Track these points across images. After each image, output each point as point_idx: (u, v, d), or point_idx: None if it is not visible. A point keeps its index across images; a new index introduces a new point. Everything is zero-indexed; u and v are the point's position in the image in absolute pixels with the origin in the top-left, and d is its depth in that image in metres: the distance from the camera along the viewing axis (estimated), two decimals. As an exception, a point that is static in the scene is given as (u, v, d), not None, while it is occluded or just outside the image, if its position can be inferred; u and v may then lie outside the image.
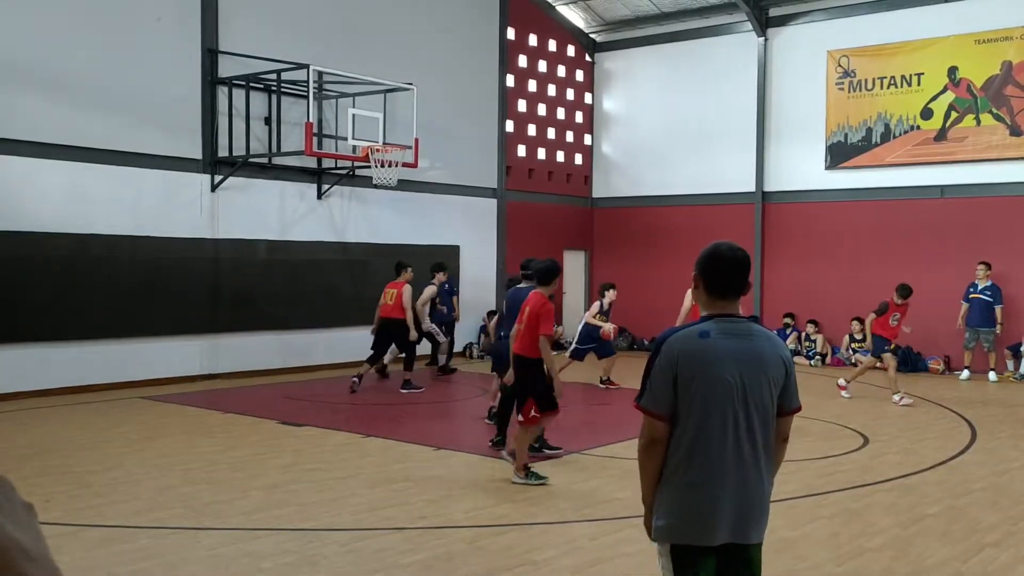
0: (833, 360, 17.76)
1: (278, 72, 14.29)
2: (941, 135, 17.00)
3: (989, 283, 15.78)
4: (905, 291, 13.09)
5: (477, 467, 9.00)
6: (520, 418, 8.43)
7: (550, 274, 8.47)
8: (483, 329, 18.28)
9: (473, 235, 18.75)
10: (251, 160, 14.63)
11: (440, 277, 14.78)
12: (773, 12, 18.82)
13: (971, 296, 15.89)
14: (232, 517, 7.01)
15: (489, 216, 19.30)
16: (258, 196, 15.15)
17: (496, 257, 19.31)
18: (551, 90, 20.64)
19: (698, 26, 19.88)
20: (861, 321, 17.48)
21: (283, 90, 14.76)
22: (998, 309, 15.78)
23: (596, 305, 14.07)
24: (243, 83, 14.56)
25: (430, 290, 14.82)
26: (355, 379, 13.36)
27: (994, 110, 16.45)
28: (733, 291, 3.39)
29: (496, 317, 12.59)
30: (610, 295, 13.95)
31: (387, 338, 13.74)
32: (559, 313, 20.40)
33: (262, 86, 14.90)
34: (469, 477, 8.58)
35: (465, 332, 17.72)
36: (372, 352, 13.74)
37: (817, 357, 17.76)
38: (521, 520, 7.02)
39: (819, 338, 17.98)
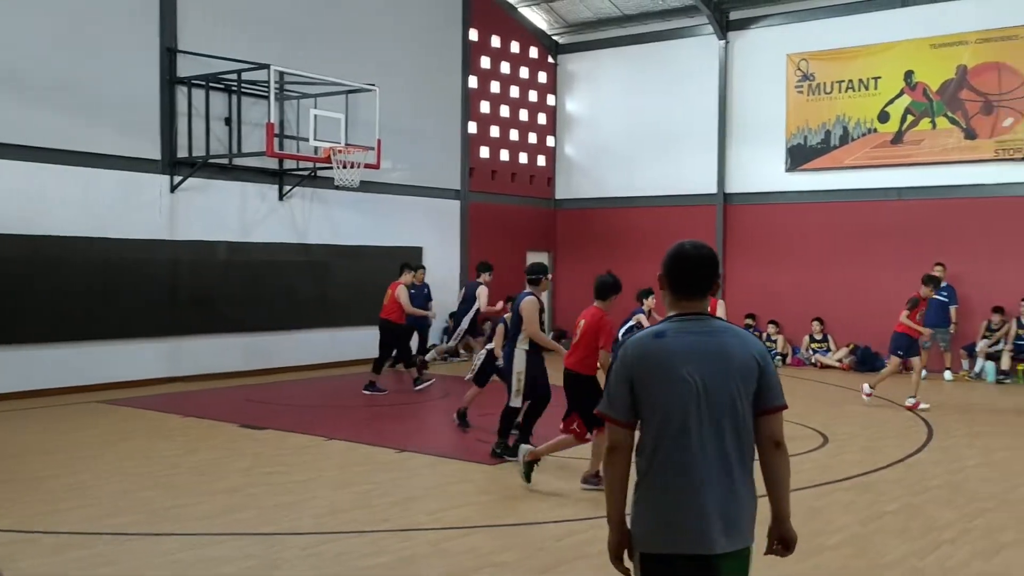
0: (793, 360, 17.95)
1: (238, 72, 14.16)
2: (898, 138, 17.26)
3: (945, 284, 16.03)
4: (934, 282, 12.73)
5: (441, 469, 8.98)
6: (575, 428, 8.10)
7: (608, 290, 8.06)
8: (446, 331, 18.23)
9: (436, 236, 18.70)
10: (211, 161, 14.47)
11: (485, 278, 14.82)
12: (733, 15, 18.99)
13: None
14: (192, 522, 6.93)
15: (452, 217, 19.27)
16: (218, 197, 14.99)
17: (459, 258, 19.29)
18: (514, 91, 20.66)
19: (660, 29, 20.01)
20: (822, 322, 17.74)
21: (244, 90, 14.62)
22: (953, 309, 16.06)
23: (640, 314, 13.70)
24: (203, 83, 14.40)
25: (484, 291, 14.91)
26: (416, 379, 13.74)
27: (949, 114, 16.73)
28: (699, 290, 3.25)
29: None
30: (649, 301, 13.46)
31: (395, 336, 13.83)
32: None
33: (222, 86, 14.74)
34: (433, 479, 8.56)
35: (430, 334, 17.66)
36: (395, 355, 14.15)
37: (777, 357, 17.95)
38: (485, 522, 7.01)
39: (780, 338, 18.17)
